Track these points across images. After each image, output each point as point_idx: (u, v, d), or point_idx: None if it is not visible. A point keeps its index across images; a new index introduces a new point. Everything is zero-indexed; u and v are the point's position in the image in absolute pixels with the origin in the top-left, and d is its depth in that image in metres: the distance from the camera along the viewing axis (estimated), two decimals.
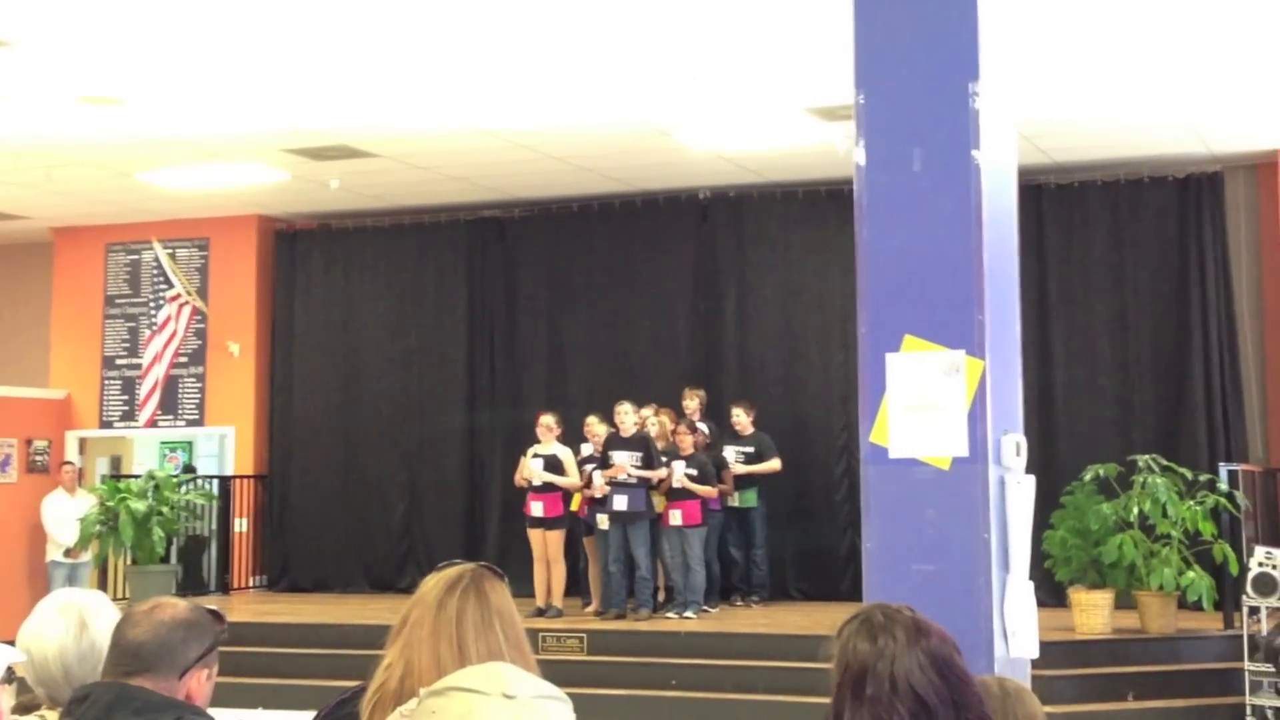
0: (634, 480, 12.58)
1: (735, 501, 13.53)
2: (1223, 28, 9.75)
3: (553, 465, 12.96)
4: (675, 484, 12.69)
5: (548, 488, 12.94)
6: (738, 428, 13.75)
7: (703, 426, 13.50)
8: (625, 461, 12.60)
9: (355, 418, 15.94)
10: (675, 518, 12.69)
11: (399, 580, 14.99)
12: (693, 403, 13.73)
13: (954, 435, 4.87)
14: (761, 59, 10.37)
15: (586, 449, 13.24)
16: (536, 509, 12.99)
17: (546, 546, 12.97)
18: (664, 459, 12.81)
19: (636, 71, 10.72)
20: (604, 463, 12.75)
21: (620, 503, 12.58)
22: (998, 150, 5.12)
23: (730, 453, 13.55)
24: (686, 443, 12.90)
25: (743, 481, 13.52)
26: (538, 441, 13.16)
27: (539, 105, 11.61)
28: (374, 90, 11.21)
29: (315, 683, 11.27)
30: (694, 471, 12.73)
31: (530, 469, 12.98)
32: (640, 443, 12.75)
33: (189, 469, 16.55)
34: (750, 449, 13.64)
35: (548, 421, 13.11)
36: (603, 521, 12.73)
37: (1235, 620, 11.22)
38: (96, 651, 3.22)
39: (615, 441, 12.79)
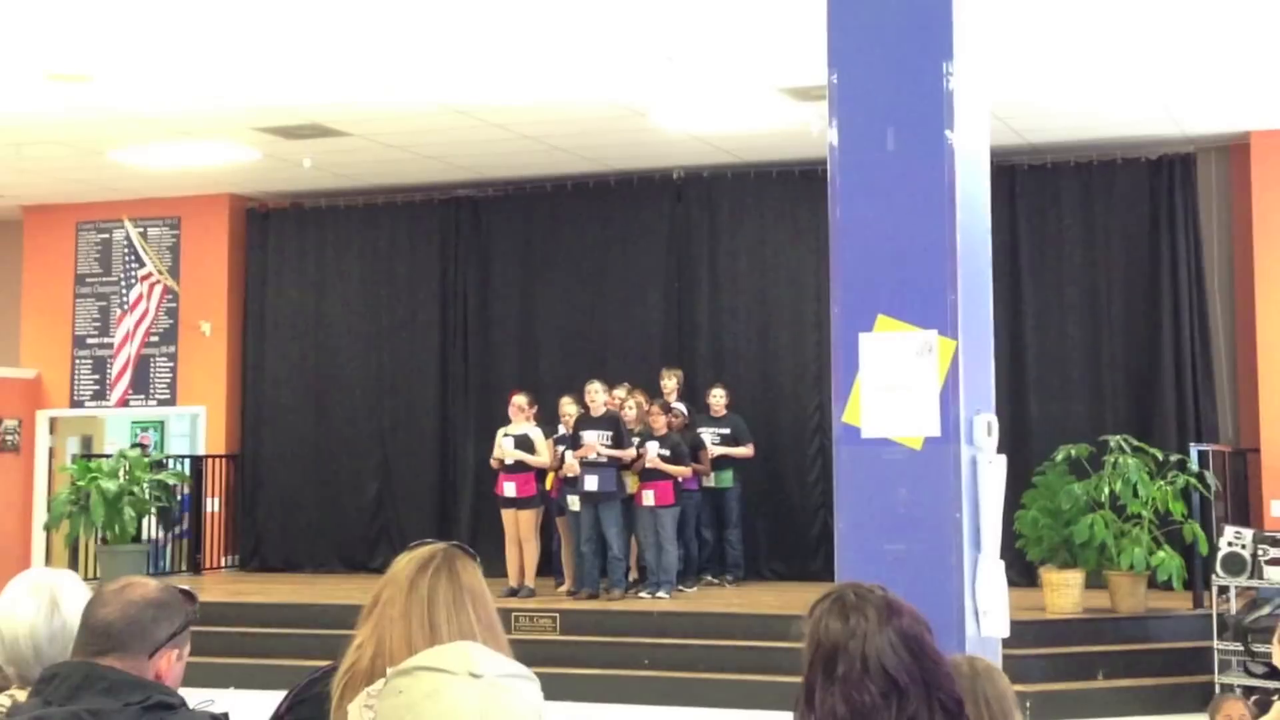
0: (604, 460, 12.59)
1: (711, 482, 13.55)
2: (1197, 9, 9.77)
3: (524, 444, 12.96)
4: (648, 464, 12.70)
5: (520, 468, 12.95)
6: (714, 409, 13.76)
7: (680, 406, 13.51)
8: (595, 441, 12.60)
9: (327, 397, 15.90)
10: (648, 498, 12.70)
11: (371, 560, 14.96)
12: (670, 382, 13.73)
13: (926, 415, 4.87)
14: (736, 39, 10.35)
15: (561, 429, 13.25)
16: (509, 489, 12.99)
17: (519, 526, 12.97)
18: (638, 439, 12.82)
19: (611, 51, 10.70)
20: (575, 443, 12.75)
21: (591, 483, 12.59)
22: (971, 131, 5.12)
23: (705, 434, 13.57)
24: (660, 423, 12.91)
25: (719, 462, 13.55)
26: (510, 421, 13.18)
27: (513, 85, 11.58)
28: (346, 69, 11.16)
29: (287, 662, 11.24)
30: (667, 452, 12.75)
31: (502, 447, 12.98)
32: (610, 422, 12.76)
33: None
34: (726, 430, 13.67)
35: (520, 401, 13.12)
36: (574, 502, 12.75)
37: (1205, 600, 11.29)
38: (68, 631, 3.20)
39: (585, 421, 12.80)
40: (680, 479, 12.92)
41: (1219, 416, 13.44)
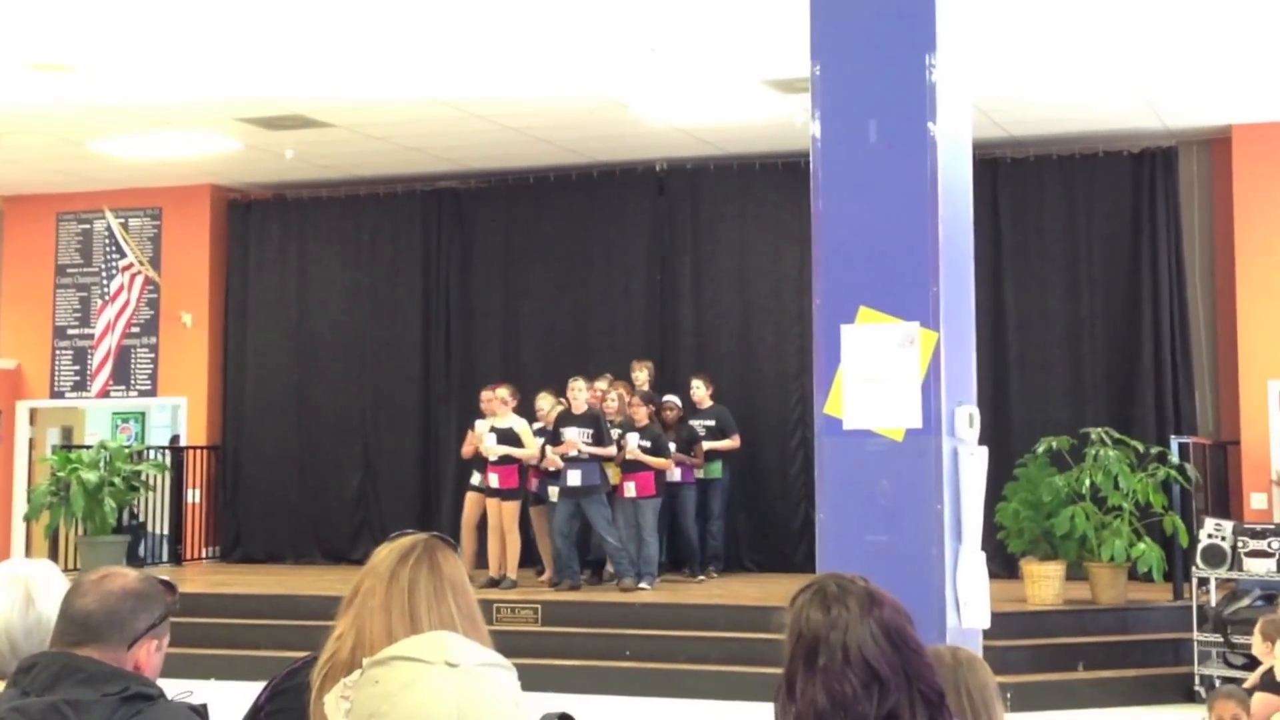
0: (585, 455, 12.57)
1: (700, 473, 13.52)
2: (1179, 3, 9.79)
3: (507, 437, 12.93)
4: (629, 456, 12.69)
5: (503, 459, 12.91)
6: (696, 400, 13.75)
7: (674, 399, 13.47)
8: (576, 438, 12.59)
9: (309, 388, 15.87)
10: (629, 489, 12.70)
11: (352, 551, 14.93)
12: (641, 374, 13.68)
13: (908, 407, 4.88)
14: (719, 31, 10.35)
15: (538, 424, 13.22)
16: (492, 480, 12.95)
17: (501, 518, 12.95)
18: (618, 431, 12.81)
19: (594, 43, 10.68)
20: (555, 438, 12.74)
21: (573, 478, 12.56)
22: (954, 123, 5.12)
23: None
24: (640, 414, 12.90)
25: (707, 454, 13.52)
26: (481, 414, 13.18)
27: (496, 76, 11.56)
28: (329, 59, 11.13)
29: (267, 653, 11.23)
30: (648, 444, 12.74)
31: (484, 445, 12.93)
32: (591, 420, 12.73)
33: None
34: (711, 422, 13.64)
35: (502, 394, 13.10)
36: (554, 493, 12.74)
37: (1185, 591, 11.32)
38: (44, 626, 3.18)
39: (566, 418, 12.78)
40: (666, 471, 12.90)
41: (1199, 409, 13.48)
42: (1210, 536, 11.03)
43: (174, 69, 11.36)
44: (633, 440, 12.71)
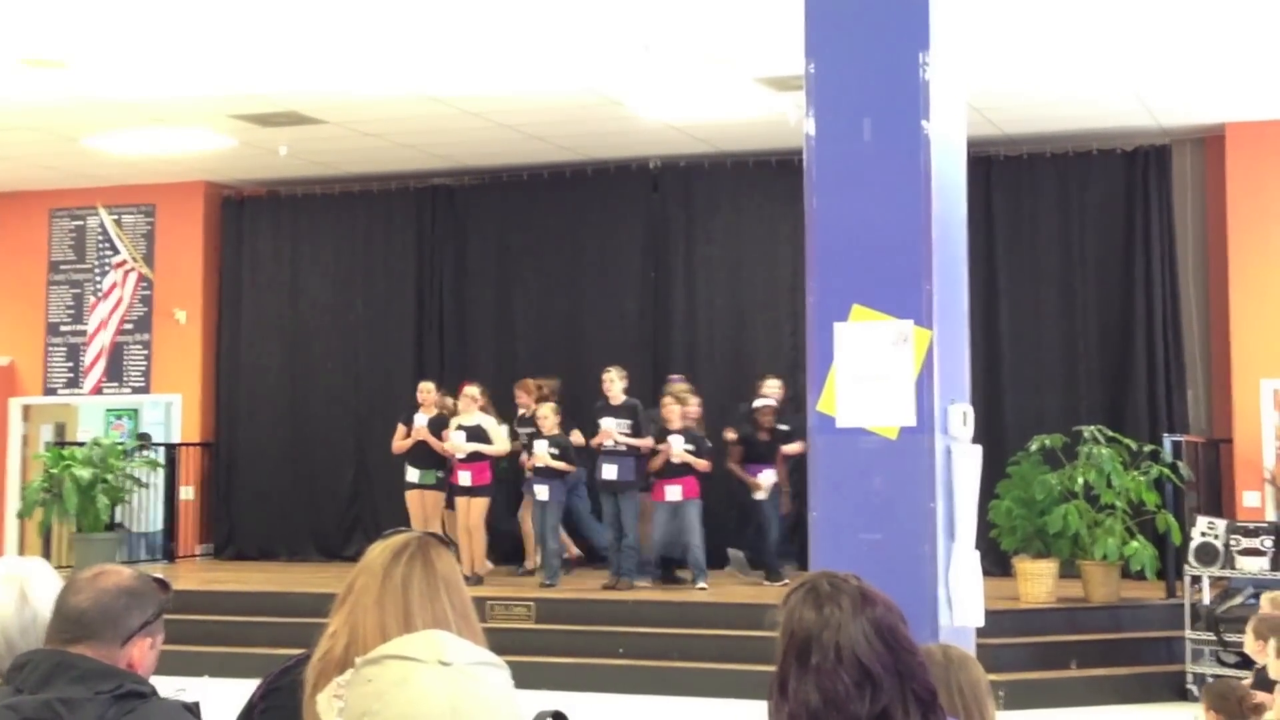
0: (623, 449, 12.49)
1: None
2: (1173, 1, 9.80)
3: (476, 435, 12.91)
4: (675, 460, 12.44)
5: (474, 456, 12.89)
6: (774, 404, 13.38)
7: (769, 401, 13.06)
8: (613, 428, 12.51)
9: (303, 386, 15.86)
10: (673, 493, 12.46)
11: (346, 548, 14.93)
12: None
13: (901, 405, 4.89)
14: (713, 28, 10.35)
15: (521, 411, 13.24)
16: (464, 478, 12.94)
17: (470, 515, 12.96)
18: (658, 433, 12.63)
19: (588, 40, 10.68)
20: (594, 430, 12.72)
21: (609, 471, 12.48)
22: (947, 121, 5.13)
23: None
24: (674, 415, 12.63)
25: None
26: (429, 410, 13.23)
27: (489, 73, 11.55)
28: (323, 56, 11.12)
29: (261, 651, 11.23)
30: (692, 446, 12.51)
31: (453, 442, 12.92)
32: (629, 411, 12.65)
33: (143, 436, 16.41)
34: (785, 426, 13.09)
35: (471, 392, 13.14)
36: (541, 491, 12.70)
37: (1177, 589, 11.34)
38: (39, 624, 3.17)
39: (604, 409, 12.72)
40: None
41: (1192, 407, 13.50)
42: (1203, 535, 11.05)
43: (168, 65, 11.34)
44: (677, 443, 12.44)
